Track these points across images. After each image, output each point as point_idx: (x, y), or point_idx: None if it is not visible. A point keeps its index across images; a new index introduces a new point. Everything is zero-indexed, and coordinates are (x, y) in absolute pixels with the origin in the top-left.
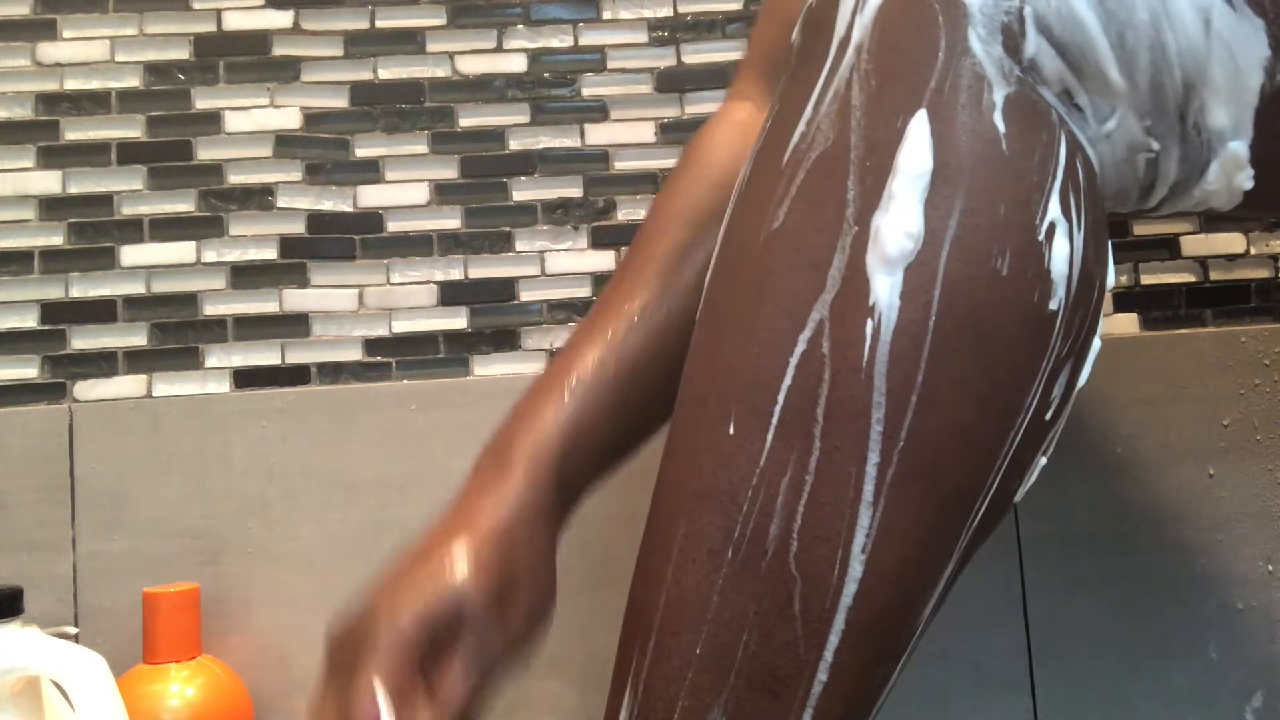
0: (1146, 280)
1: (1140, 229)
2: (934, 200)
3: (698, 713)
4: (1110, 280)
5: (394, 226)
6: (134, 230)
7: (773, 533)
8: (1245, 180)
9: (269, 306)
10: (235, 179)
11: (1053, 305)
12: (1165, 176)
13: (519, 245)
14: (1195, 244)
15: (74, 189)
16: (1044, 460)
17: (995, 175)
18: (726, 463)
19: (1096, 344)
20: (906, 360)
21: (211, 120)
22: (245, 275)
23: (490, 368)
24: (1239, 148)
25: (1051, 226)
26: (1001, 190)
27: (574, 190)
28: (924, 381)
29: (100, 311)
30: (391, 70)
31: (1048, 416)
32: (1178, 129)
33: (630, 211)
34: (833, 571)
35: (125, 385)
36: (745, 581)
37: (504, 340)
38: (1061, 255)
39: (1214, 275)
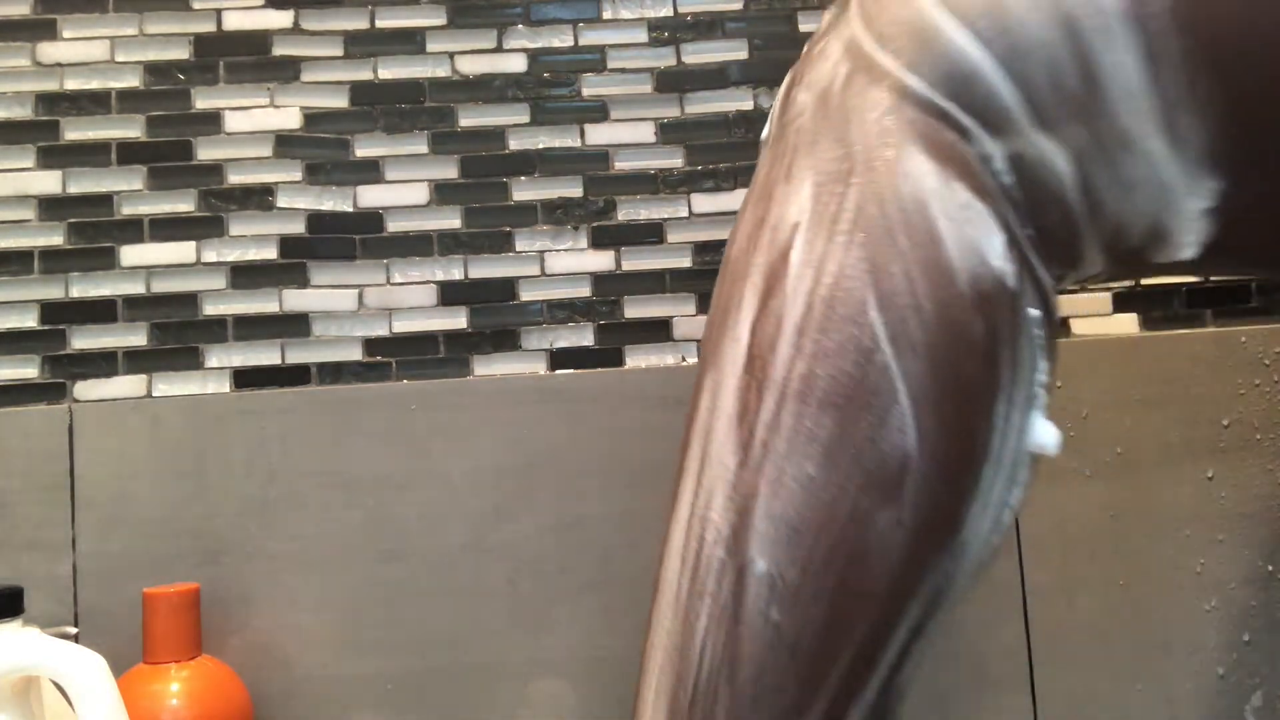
0: (1146, 280)
1: None
2: None
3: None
4: None
5: (394, 226)
6: (134, 230)
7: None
8: None
9: (269, 306)
10: (235, 179)
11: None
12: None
13: (519, 245)
14: None
15: (74, 189)
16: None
17: None
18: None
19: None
20: None
21: (211, 120)
22: (245, 275)
23: (490, 368)
24: None
25: None
26: None
27: (574, 190)
28: None
29: (100, 311)
30: (391, 70)
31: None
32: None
33: (630, 211)
34: None
35: (125, 385)
36: None
37: (504, 340)
38: None
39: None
